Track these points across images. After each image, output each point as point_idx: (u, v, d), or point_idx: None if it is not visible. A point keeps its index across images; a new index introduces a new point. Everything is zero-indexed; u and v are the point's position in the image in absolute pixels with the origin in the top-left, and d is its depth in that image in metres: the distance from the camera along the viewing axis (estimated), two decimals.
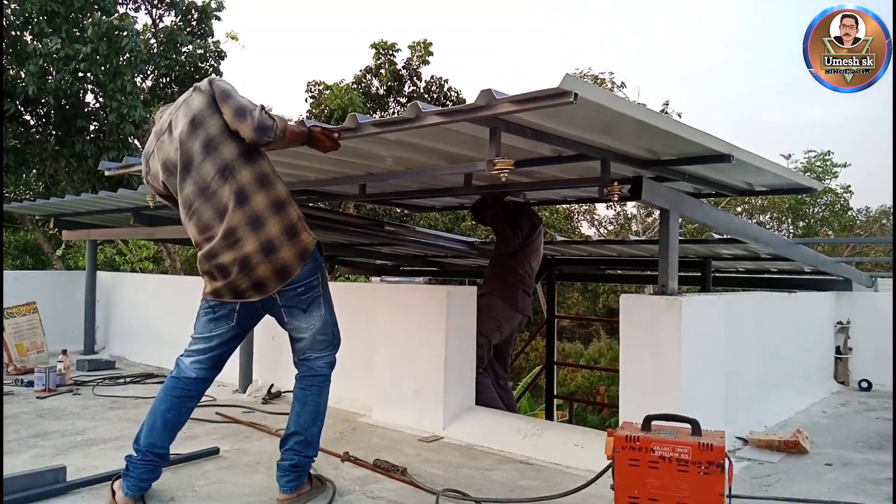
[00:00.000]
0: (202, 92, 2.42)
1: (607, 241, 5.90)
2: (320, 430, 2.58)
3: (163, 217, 5.68)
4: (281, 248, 2.35)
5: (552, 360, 7.21)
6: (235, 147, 2.37)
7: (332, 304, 2.57)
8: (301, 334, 2.52)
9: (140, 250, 14.28)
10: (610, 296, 16.78)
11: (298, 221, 2.42)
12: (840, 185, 17.89)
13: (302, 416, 2.53)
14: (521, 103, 2.12)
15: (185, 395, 2.56)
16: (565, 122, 2.52)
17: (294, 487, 2.50)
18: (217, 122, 2.38)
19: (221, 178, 2.35)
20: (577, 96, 1.98)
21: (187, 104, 2.45)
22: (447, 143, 3.00)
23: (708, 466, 2.02)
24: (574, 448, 3.12)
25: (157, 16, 12.20)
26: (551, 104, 2.04)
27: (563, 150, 2.97)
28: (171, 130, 2.47)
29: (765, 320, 4.12)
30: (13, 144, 10.34)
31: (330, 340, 2.56)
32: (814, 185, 4.10)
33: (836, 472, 3.00)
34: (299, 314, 2.47)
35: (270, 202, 2.37)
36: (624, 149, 2.97)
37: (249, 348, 4.68)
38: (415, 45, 13.97)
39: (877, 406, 4.52)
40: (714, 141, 2.74)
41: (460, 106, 2.30)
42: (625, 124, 2.50)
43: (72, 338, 6.16)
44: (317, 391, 2.55)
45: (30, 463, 2.93)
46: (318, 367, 2.56)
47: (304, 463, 2.52)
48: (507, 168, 2.33)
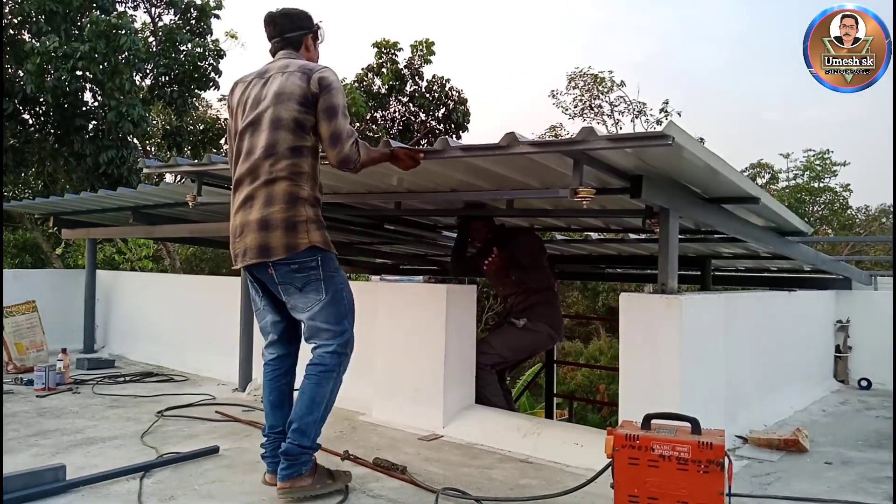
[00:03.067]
0: (307, 79, 2.48)
1: (607, 240, 5.89)
2: (317, 422, 2.53)
3: (162, 216, 5.69)
4: (273, 231, 2.45)
5: (552, 359, 7.21)
6: (292, 140, 2.47)
7: (342, 298, 2.57)
8: (299, 315, 2.56)
9: (139, 249, 14.27)
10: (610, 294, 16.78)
11: (304, 222, 2.47)
12: (839, 184, 17.91)
13: (298, 404, 2.54)
14: (616, 141, 2.29)
15: (276, 375, 2.72)
16: (636, 157, 2.63)
17: (288, 476, 2.47)
18: (297, 112, 2.46)
19: (266, 155, 2.48)
20: (674, 140, 2.16)
21: (288, 77, 2.51)
22: (503, 167, 3.12)
23: (708, 465, 2.02)
24: (574, 447, 3.12)
25: (156, 14, 12.19)
26: (648, 145, 2.24)
27: (603, 179, 3.03)
28: (266, 83, 2.56)
29: (764, 319, 4.13)
30: (12, 143, 10.33)
31: (334, 330, 2.53)
32: (807, 229, 4.44)
33: (836, 471, 3.00)
34: (294, 292, 2.51)
35: (289, 193, 2.47)
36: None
37: (249, 347, 4.68)
38: (417, 44, 13.96)
39: (876, 405, 4.53)
40: (752, 186, 3.10)
41: (555, 139, 2.53)
42: (694, 168, 2.70)
43: (71, 336, 6.16)
44: (314, 380, 2.52)
45: (29, 462, 2.92)
46: (319, 356, 2.55)
47: (293, 451, 2.48)
48: (589, 196, 2.49)
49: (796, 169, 18.80)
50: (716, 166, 2.67)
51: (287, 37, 2.70)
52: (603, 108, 17.67)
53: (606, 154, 2.59)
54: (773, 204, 3.56)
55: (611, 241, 5.89)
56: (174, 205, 5.13)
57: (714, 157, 2.65)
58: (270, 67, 2.63)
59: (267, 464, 2.67)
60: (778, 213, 3.79)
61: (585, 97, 17.71)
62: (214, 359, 5.17)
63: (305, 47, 2.74)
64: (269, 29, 2.73)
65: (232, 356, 4.70)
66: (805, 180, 18.35)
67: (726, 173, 2.80)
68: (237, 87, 2.69)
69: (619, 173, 2.84)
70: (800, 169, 18.69)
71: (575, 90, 17.71)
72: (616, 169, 2.82)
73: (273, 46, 2.73)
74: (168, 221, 5.76)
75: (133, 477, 2.73)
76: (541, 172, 3.10)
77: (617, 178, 2.85)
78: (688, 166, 2.74)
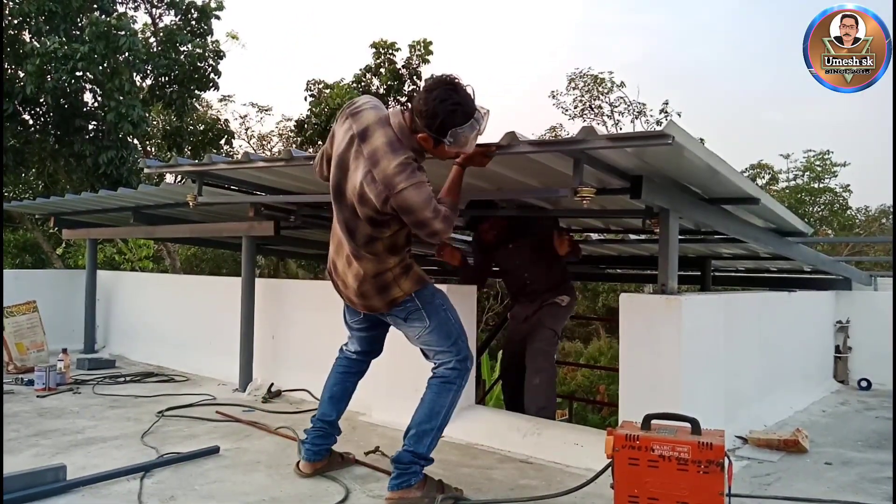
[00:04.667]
0: (384, 198, 2.32)
1: (607, 240, 5.89)
2: (434, 432, 2.55)
3: (162, 216, 5.70)
4: (371, 298, 2.58)
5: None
6: (370, 231, 2.46)
7: (448, 319, 2.62)
8: (412, 342, 2.71)
9: (140, 249, 14.29)
10: (610, 295, 16.77)
11: (392, 281, 2.54)
12: (839, 185, 17.91)
13: (418, 411, 2.58)
14: (616, 141, 2.29)
15: (346, 372, 2.89)
16: (636, 157, 2.63)
17: (397, 486, 2.46)
18: (373, 214, 2.40)
19: (349, 233, 2.51)
20: (674, 139, 2.16)
21: (369, 180, 2.36)
22: (505, 168, 3.12)
23: (707, 465, 2.03)
24: (574, 447, 3.12)
25: (156, 15, 12.21)
26: (648, 145, 2.24)
27: (603, 179, 3.06)
28: (357, 153, 2.42)
29: (764, 319, 4.13)
30: (12, 144, 10.33)
31: (448, 350, 2.60)
32: (807, 229, 4.44)
33: (836, 471, 3.00)
34: (401, 322, 2.65)
35: (375, 271, 2.52)
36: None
37: (249, 348, 4.68)
38: (415, 44, 13.96)
39: (876, 405, 4.53)
40: (751, 186, 3.09)
41: (556, 139, 2.51)
42: (694, 168, 2.71)
43: (72, 337, 6.16)
44: (435, 390, 2.58)
45: (30, 462, 2.92)
46: (438, 371, 2.62)
47: (405, 458, 2.49)
48: (589, 196, 2.50)
49: (796, 169, 18.80)
50: (716, 166, 2.68)
51: (412, 110, 2.40)
52: (603, 109, 17.65)
53: (607, 154, 2.60)
54: (772, 204, 3.57)
55: (611, 241, 5.90)
56: (174, 205, 5.13)
57: (714, 157, 2.65)
58: (371, 129, 2.41)
59: (304, 451, 2.78)
60: (778, 214, 3.80)
61: (585, 98, 17.69)
62: (215, 359, 5.17)
63: (419, 137, 2.39)
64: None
65: (232, 356, 4.70)
66: (805, 181, 18.35)
67: (726, 173, 2.81)
68: (349, 115, 2.50)
69: (619, 173, 2.85)
70: (800, 169, 18.69)
71: (575, 91, 17.69)
72: (616, 169, 2.83)
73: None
74: (168, 222, 5.76)
75: (133, 477, 2.73)
76: (541, 172, 3.11)
77: (618, 178, 2.86)
78: (688, 166, 2.75)
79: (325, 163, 2.65)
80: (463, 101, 2.34)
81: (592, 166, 2.69)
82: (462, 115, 2.32)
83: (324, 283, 3.05)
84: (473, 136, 2.38)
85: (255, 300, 4.73)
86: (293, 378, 4.48)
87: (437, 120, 2.32)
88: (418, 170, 2.36)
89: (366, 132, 2.42)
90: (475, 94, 2.37)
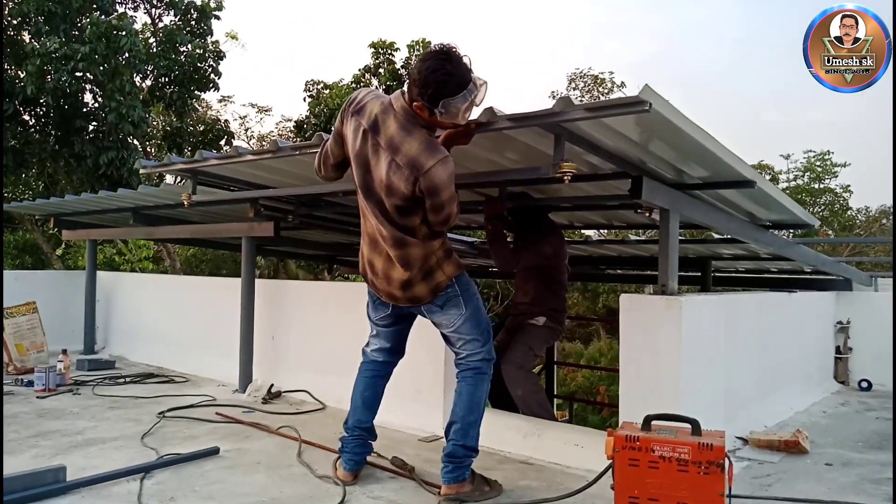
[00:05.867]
0: (414, 180, 2.32)
1: (607, 241, 5.90)
2: (477, 423, 2.58)
3: (162, 217, 5.69)
4: (416, 285, 2.53)
5: (552, 360, 7.20)
6: (400, 220, 2.45)
7: (480, 309, 2.64)
8: (445, 330, 2.65)
9: (140, 250, 14.29)
10: (610, 295, 16.78)
11: (436, 265, 2.53)
12: (840, 185, 17.92)
13: (458, 405, 2.58)
14: (593, 111, 2.23)
15: (375, 375, 2.84)
16: (617, 134, 2.59)
17: (453, 479, 2.50)
18: (403, 202, 2.39)
19: (385, 222, 2.47)
20: (651, 106, 2.09)
21: (395, 168, 2.35)
22: (494, 153, 3.09)
23: (708, 466, 2.02)
24: (574, 448, 3.11)
25: (156, 15, 12.21)
26: (625, 112, 2.15)
27: (592, 163, 3.05)
28: (378, 146, 2.40)
29: (765, 320, 4.12)
30: (12, 144, 10.34)
31: (479, 339, 2.61)
32: (813, 221, 4.34)
33: (836, 472, 3.00)
34: (437, 311, 2.60)
35: (422, 254, 2.50)
36: (655, 167, 3.07)
37: (249, 349, 4.68)
38: (414, 44, 13.97)
39: (877, 406, 4.53)
40: (744, 166, 2.93)
41: (533, 111, 2.36)
42: (671, 137, 2.60)
43: (72, 337, 6.15)
44: (472, 381, 2.59)
45: (30, 463, 2.92)
46: (470, 362, 2.62)
47: (458, 452, 2.52)
48: (571, 171, 2.44)
49: (797, 170, 18.82)
50: (702, 140, 2.55)
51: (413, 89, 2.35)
52: None
53: (589, 132, 2.54)
54: (771, 190, 3.42)
55: (611, 241, 5.90)
56: (174, 206, 5.13)
57: (700, 131, 2.52)
58: (380, 119, 2.40)
59: (345, 460, 2.74)
60: (777, 201, 3.67)
61: (586, 98, 17.71)
62: (215, 360, 5.17)
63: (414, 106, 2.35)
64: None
65: (232, 357, 4.69)
66: (805, 181, 18.36)
67: (713, 148, 2.66)
68: (353, 113, 2.48)
69: (608, 155, 2.82)
70: (800, 170, 18.70)
71: (575, 91, 17.71)
72: (605, 151, 2.79)
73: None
74: (168, 222, 5.76)
75: (133, 478, 2.73)
76: (532, 156, 3.05)
77: (607, 161, 2.85)
78: (674, 140, 2.64)
79: (332, 164, 2.65)
80: (456, 72, 2.27)
81: (578, 145, 2.64)
82: (454, 86, 2.26)
83: (324, 284, 3.06)
84: (466, 107, 2.31)
85: (255, 301, 4.73)
86: (293, 379, 4.48)
87: (428, 89, 2.27)
88: (439, 145, 2.38)
89: (376, 123, 2.41)
90: (472, 64, 2.31)
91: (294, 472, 2.87)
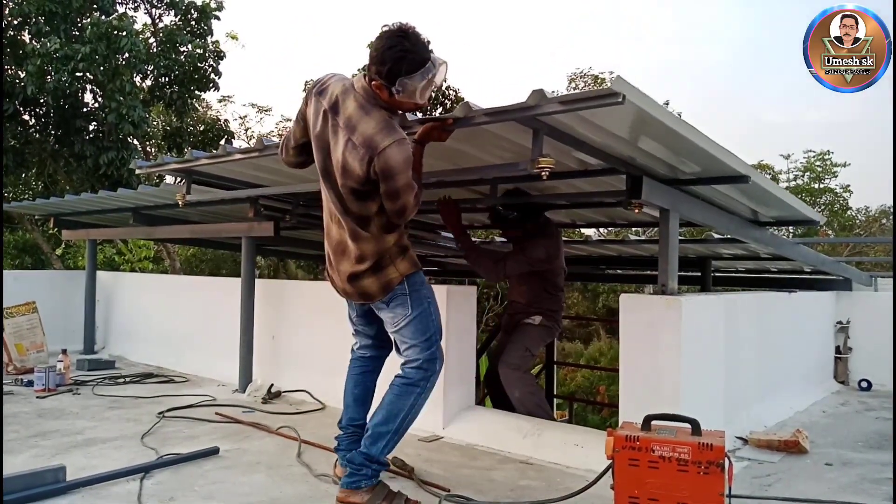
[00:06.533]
0: (368, 162, 2.25)
1: (607, 241, 5.90)
2: (391, 435, 2.45)
3: (162, 217, 5.69)
4: (365, 279, 2.46)
5: (552, 360, 7.20)
6: (358, 207, 2.39)
7: (429, 313, 2.52)
8: (388, 329, 2.58)
9: (139, 250, 14.29)
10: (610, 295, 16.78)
11: (389, 261, 2.45)
12: (839, 185, 17.92)
13: (377, 412, 2.50)
14: (568, 104, 2.18)
15: (363, 371, 2.80)
16: (599, 127, 2.55)
17: (346, 485, 2.40)
18: (359, 186, 2.32)
19: (342, 212, 2.43)
20: (624, 98, 2.04)
21: (350, 148, 2.29)
22: (481, 151, 3.07)
23: (708, 466, 2.02)
24: (574, 448, 3.12)
25: (156, 15, 12.19)
26: (599, 104, 2.10)
27: (584, 160, 3.03)
28: (336, 127, 2.36)
29: (765, 320, 4.12)
30: (12, 144, 10.34)
31: (419, 345, 2.49)
32: (817, 217, 4.24)
33: (836, 472, 3.00)
34: (383, 307, 2.53)
35: (375, 250, 2.44)
36: (646, 164, 3.02)
37: (249, 349, 4.68)
38: None
39: (876, 406, 4.53)
40: (736, 161, 2.86)
41: (509, 105, 2.31)
42: (656, 132, 2.55)
43: (71, 337, 6.15)
44: (396, 391, 2.49)
45: (29, 463, 2.92)
46: (405, 370, 2.52)
47: (356, 458, 2.42)
48: (549, 167, 2.39)
49: (796, 170, 18.81)
50: (684, 132, 2.46)
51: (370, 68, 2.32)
52: None
53: (568, 124, 2.49)
54: (766, 184, 3.34)
55: (611, 241, 5.90)
56: (174, 206, 5.12)
57: (682, 123, 2.45)
58: (340, 100, 2.37)
59: (340, 457, 2.72)
60: (775, 196, 3.59)
61: None
62: (214, 360, 5.17)
63: (373, 86, 2.32)
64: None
65: (232, 357, 4.69)
66: (805, 181, 18.36)
67: (697, 140, 2.56)
68: (316, 94, 2.45)
69: (597, 152, 2.79)
70: (800, 170, 18.69)
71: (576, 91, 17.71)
72: (593, 147, 2.75)
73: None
74: (168, 222, 5.76)
75: (133, 478, 2.73)
76: (525, 154, 2.99)
77: (596, 157, 2.83)
78: (656, 134, 2.58)
79: (293, 148, 2.61)
80: (413, 49, 2.25)
81: (564, 142, 2.61)
82: (411, 63, 2.24)
83: (324, 284, 3.04)
84: (424, 85, 2.28)
85: (255, 301, 4.73)
86: (293, 379, 4.48)
87: (385, 67, 2.25)
88: (397, 126, 2.32)
89: (336, 104, 2.37)
90: (430, 44, 2.30)
91: (294, 472, 2.87)
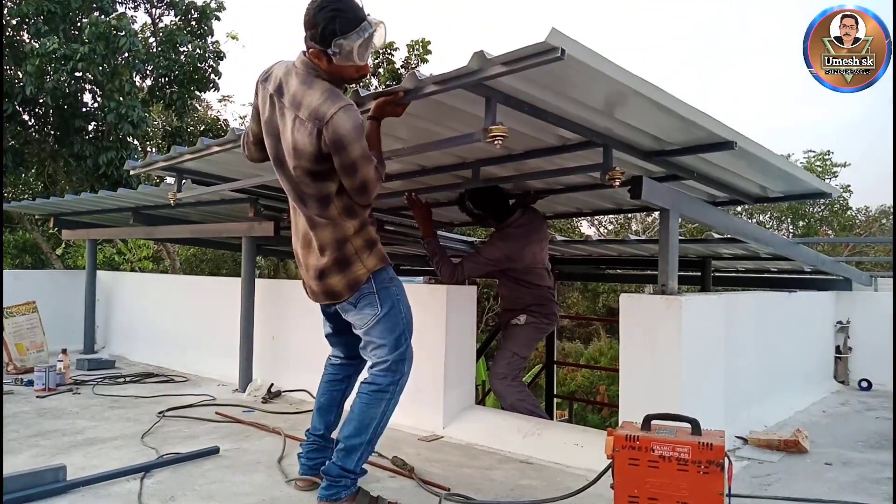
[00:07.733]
0: (318, 135, 2.18)
1: (607, 241, 5.90)
2: (365, 446, 2.40)
3: (162, 217, 5.69)
4: (331, 276, 2.41)
5: (552, 360, 7.22)
6: (315, 190, 2.32)
7: (399, 311, 2.44)
8: (357, 332, 2.49)
9: (139, 250, 14.30)
10: (610, 295, 16.79)
11: (355, 254, 2.39)
12: (840, 185, 17.91)
13: (346, 424, 2.42)
14: (510, 63, 2.04)
15: (332, 380, 2.74)
16: (560, 94, 2.43)
17: (326, 497, 2.37)
18: (313, 166, 2.25)
19: (299, 201, 2.39)
20: (563, 52, 1.88)
21: (298, 125, 2.23)
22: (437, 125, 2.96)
23: (708, 466, 2.02)
24: (574, 447, 3.12)
25: (156, 15, 12.19)
26: (539, 62, 1.96)
27: (563, 136, 2.94)
28: (283, 110, 2.31)
29: (765, 320, 4.12)
30: (12, 144, 10.33)
31: (388, 344, 2.40)
32: (830, 189, 4.02)
33: (836, 472, 3.00)
34: (351, 309, 2.45)
35: (335, 237, 2.38)
36: (627, 135, 2.89)
37: (249, 348, 4.68)
38: (413, 43, 13.96)
39: (877, 405, 4.53)
40: (716, 124, 2.69)
41: (453, 70, 2.19)
42: (623, 98, 2.43)
43: (71, 337, 6.16)
44: (366, 400, 2.39)
45: (29, 462, 2.93)
46: (373, 375, 2.43)
47: (333, 471, 2.37)
48: (501, 135, 2.27)
49: None
50: (634, 85, 2.25)
51: (309, 34, 2.25)
52: None
53: (516, 86, 2.35)
54: (756, 149, 3.06)
55: (611, 241, 5.89)
56: (174, 205, 5.13)
57: (630, 76, 2.23)
58: (283, 81, 2.32)
59: (300, 465, 2.69)
60: (771, 163, 3.26)
61: None
62: (215, 359, 5.17)
63: (310, 54, 2.29)
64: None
65: (232, 357, 4.70)
66: None
67: (659, 99, 2.37)
68: (261, 82, 2.43)
69: (574, 126, 2.69)
70: None
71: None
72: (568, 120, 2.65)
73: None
74: (168, 222, 5.76)
75: (133, 477, 2.73)
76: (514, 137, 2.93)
77: (573, 131, 2.73)
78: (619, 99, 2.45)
79: (253, 143, 2.56)
80: (345, 8, 2.19)
81: (546, 120, 2.54)
82: (344, 22, 2.18)
83: None
84: (361, 44, 2.21)
85: (255, 301, 4.73)
86: (293, 378, 4.48)
87: (318, 29, 2.19)
88: (341, 93, 2.26)
89: (280, 86, 2.33)
90: (365, 6, 2.23)
91: (294, 472, 2.87)
